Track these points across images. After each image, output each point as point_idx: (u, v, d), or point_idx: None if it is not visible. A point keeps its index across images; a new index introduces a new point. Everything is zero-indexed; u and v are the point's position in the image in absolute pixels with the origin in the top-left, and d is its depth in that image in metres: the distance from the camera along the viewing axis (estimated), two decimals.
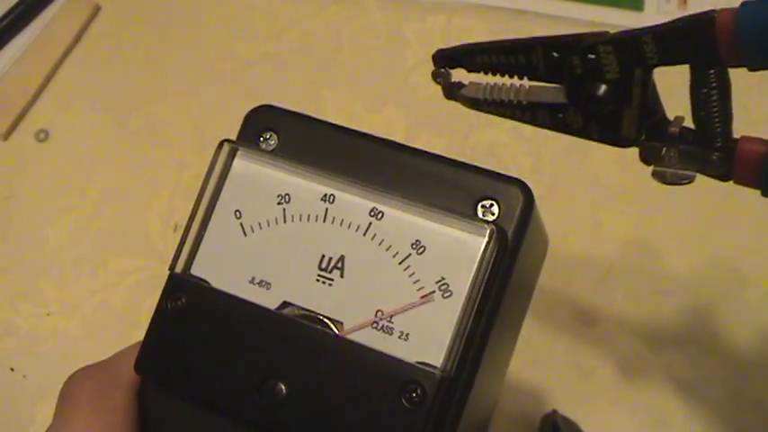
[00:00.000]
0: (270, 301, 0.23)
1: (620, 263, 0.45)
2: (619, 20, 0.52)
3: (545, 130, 0.47)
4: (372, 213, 0.23)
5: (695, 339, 0.43)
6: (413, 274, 0.23)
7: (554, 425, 0.39)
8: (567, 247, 0.46)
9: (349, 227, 0.23)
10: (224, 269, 0.24)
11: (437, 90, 0.51)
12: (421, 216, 0.23)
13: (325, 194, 0.24)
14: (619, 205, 0.46)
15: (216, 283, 0.24)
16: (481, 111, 0.30)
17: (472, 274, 0.22)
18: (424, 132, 0.49)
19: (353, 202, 0.23)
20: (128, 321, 0.44)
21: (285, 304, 0.23)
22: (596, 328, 0.44)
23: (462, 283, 0.22)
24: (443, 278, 0.22)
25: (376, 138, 0.24)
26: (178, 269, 0.24)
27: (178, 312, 0.24)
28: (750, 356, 0.42)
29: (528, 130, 0.49)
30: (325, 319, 0.23)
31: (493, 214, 0.22)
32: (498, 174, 0.23)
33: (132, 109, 0.51)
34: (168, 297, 0.24)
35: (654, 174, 0.28)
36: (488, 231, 0.22)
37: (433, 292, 0.22)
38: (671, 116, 0.28)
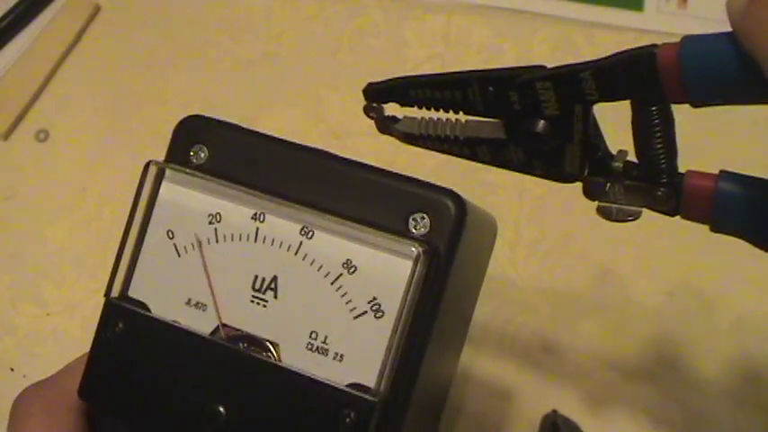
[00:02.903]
0: (206, 323, 0.23)
1: (620, 263, 0.45)
2: (619, 20, 0.52)
3: None
4: (303, 232, 0.23)
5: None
6: (345, 294, 0.22)
7: (554, 425, 0.39)
8: (567, 247, 0.46)
9: (280, 246, 0.23)
10: (161, 291, 0.24)
11: None
12: (351, 235, 0.22)
13: (256, 213, 0.23)
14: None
15: (153, 305, 0.24)
16: (417, 146, 0.29)
17: (401, 294, 0.21)
18: None
19: (284, 221, 0.23)
20: None
21: (222, 326, 0.23)
22: (598, 328, 0.44)
23: (393, 302, 0.22)
24: (375, 298, 0.22)
25: (308, 148, 0.24)
26: (114, 294, 0.24)
27: (117, 339, 0.24)
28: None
29: None
30: (264, 342, 0.23)
31: (425, 227, 0.22)
32: (430, 185, 0.23)
33: (132, 109, 0.51)
34: (106, 324, 0.24)
35: (599, 210, 0.28)
36: (416, 253, 0.21)
37: (366, 312, 0.22)
38: (614, 150, 0.28)
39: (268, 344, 0.23)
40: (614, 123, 0.28)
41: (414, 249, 0.21)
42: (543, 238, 0.47)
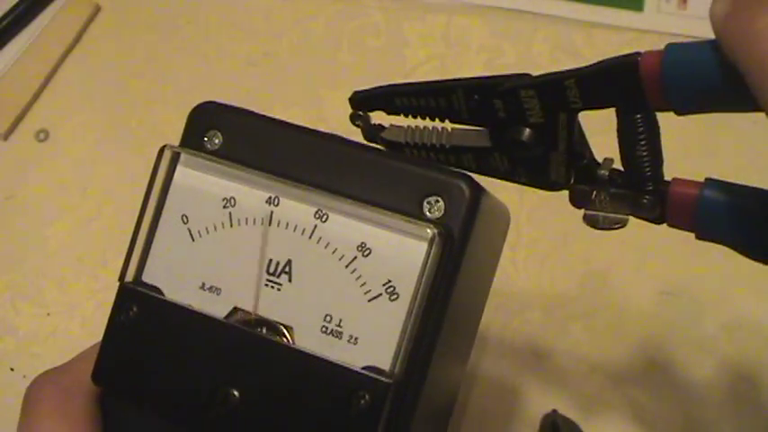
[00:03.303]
0: (220, 307, 0.23)
1: (620, 263, 0.45)
2: (619, 20, 0.52)
3: None
4: (317, 215, 0.23)
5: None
6: (359, 277, 0.22)
7: (554, 425, 0.39)
8: (566, 247, 0.46)
9: (294, 230, 0.23)
10: (175, 276, 0.24)
11: None
12: (366, 218, 0.22)
13: (270, 197, 0.23)
14: None
15: (167, 290, 0.24)
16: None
17: (416, 276, 0.21)
18: None
19: (298, 204, 0.23)
20: None
21: (235, 310, 0.23)
22: (597, 328, 0.44)
23: (408, 285, 0.22)
24: (390, 281, 0.22)
25: (322, 133, 0.24)
26: (128, 279, 0.24)
27: (130, 323, 0.24)
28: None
29: None
30: (278, 325, 0.23)
31: (439, 211, 0.22)
32: (444, 168, 0.23)
33: (132, 109, 0.51)
34: (120, 308, 0.24)
35: (585, 218, 0.28)
36: (431, 234, 0.21)
37: (380, 295, 0.22)
38: (600, 158, 0.28)
39: (282, 327, 0.23)
40: (600, 131, 0.28)
41: (429, 231, 0.21)
42: (543, 238, 0.47)
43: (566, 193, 0.29)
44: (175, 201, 0.24)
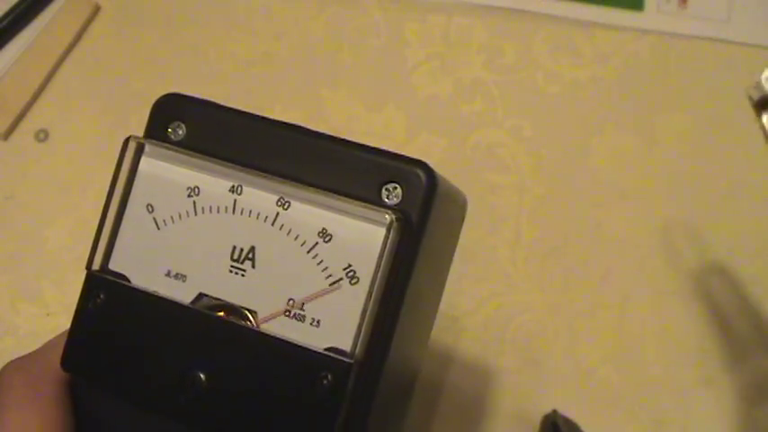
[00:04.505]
0: (186, 293, 0.24)
1: (619, 263, 0.45)
2: (619, 20, 0.52)
3: (545, 130, 0.48)
4: (279, 203, 0.24)
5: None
6: (321, 262, 0.23)
7: (554, 425, 0.39)
8: (567, 247, 0.46)
9: (257, 217, 0.24)
10: (141, 264, 0.25)
11: (437, 90, 0.51)
12: (327, 205, 0.23)
13: (233, 186, 0.24)
14: (619, 206, 0.46)
15: (134, 277, 0.24)
16: None
17: (375, 261, 0.22)
18: (424, 132, 0.49)
19: (261, 192, 0.24)
20: None
21: (201, 296, 0.24)
22: (597, 328, 0.44)
23: (367, 269, 0.22)
24: (350, 265, 0.23)
25: (283, 123, 0.25)
26: (95, 267, 0.25)
27: (98, 310, 0.24)
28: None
29: (528, 130, 0.49)
30: (242, 309, 0.24)
31: (397, 197, 0.23)
32: (402, 156, 0.23)
33: (132, 109, 0.51)
34: (87, 295, 0.24)
35: None
36: (389, 220, 0.22)
37: (341, 279, 0.23)
38: None
39: (246, 311, 0.24)
40: None
41: (387, 217, 0.22)
42: (543, 238, 0.47)
43: (565, 193, 0.29)
44: (140, 190, 0.25)
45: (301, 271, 0.23)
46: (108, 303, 0.24)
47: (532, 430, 0.42)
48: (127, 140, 0.25)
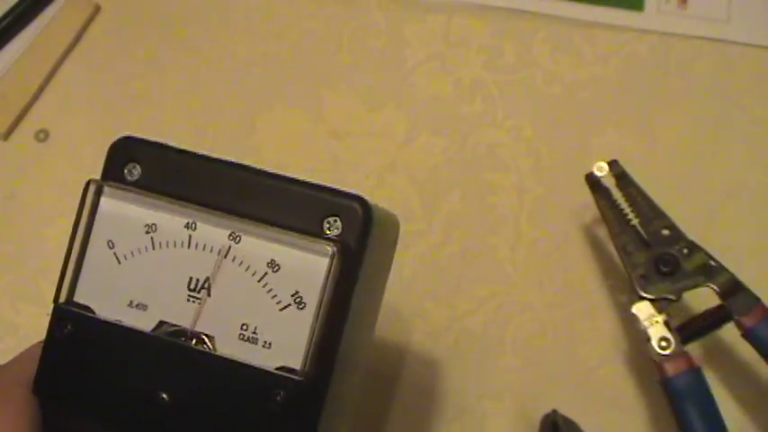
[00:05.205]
0: (147, 321, 0.26)
1: (619, 262, 0.45)
2: (619, 20, 0.52)
3: (545, 130, 0.47)
4: (231, 237, 0.26)
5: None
6: (271, 289, 0.26)
7: (554, 425, 0.39)
8: (567, 247, 0.46)
9: (211, 251, 0.26)
10: (104, 295, 0.27)
11: (437, 90, 0.51)
12: (274, 238, 0.25)
13: (188, 222, 0.26)
14: None
15: (98, 308, 0.27)
16: None
17: (320, 287, 0.25)
18: (423, 132, 0.49)
19: (214, 228, 0.26)
20: None
21: (161, 323, 0.26)
22: (598, 328, 0.44)
23: (313, 294, 0.25)
24: (297, 291, 0.25)
25: (232, 163, 0.27)
26: (62, 299, 0.27)
27: (66, 339, 0.26)
28: None
29: (528, 130, 0.49)
30: (200, 334, 0.26)
31: (338, 229, 0.25)
32: (341, 191, 0.26)
33: (132, 109, 0.51)
34: (55, 326, 0.26)
35: None
36: (331, 251, 0.25)
37: (290, 304, 0.25)
38: None
39: (204, 336, 0.26)
40: None
41: (329, 249, 0.25)
42: (543, 238, 0.47)
43: (565, 193, 0.29)
44: (101, 228, 0.27)
45: (253, 298, 0.25)
46: (75, 333, 0.26)
47: (532, 430, 0.42)
48: (88, 183, 0.26)
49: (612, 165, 0.42)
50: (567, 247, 0.46)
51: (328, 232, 0.25)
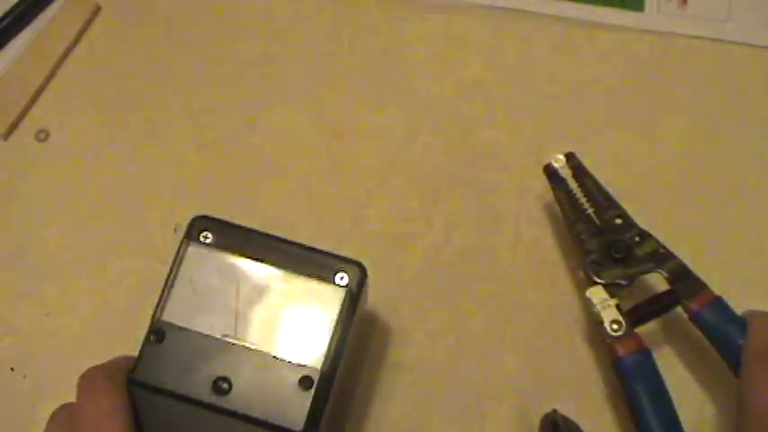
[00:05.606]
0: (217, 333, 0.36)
1: None
2: (619, 20, 0.52)
3: (545, 130, 0.48)
4: (276, 278, 0.36)
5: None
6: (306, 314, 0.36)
7: (554, 425, 0.39)
8: (567, 247, 0.46)
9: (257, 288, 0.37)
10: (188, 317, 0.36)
11: (437, 90, 0.51)
12: (305, 281, 0.36)
13: (242, 266, 0.37)
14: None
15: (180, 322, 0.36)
16: None
17: (336, 315, 0.36)
18: (423, 132, 0.49)
19: (260, 272, 0.36)
20: (128, 321, 0.44)
21: (226, 335, 0.35)
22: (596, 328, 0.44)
23: (333, 315, 0.36)
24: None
25: (276, 237, 0.37)
26: (158, 315, 0.35)
27: (159, 344, 0.35)
28: None
29: (528, 130, 0.49)
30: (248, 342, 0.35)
31: (344, 280, 0.36)
32: (347, 258, 0.37)
33: (132, 109, 0.51)
34: (152, 334, 0.35)
35: None
36: (343, 293, 0.36)
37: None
38: None
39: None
40: None
41: (342, 291, 0.36)
42: (543, 238, 0.47)
43: None
44: (186, 269, 0.37)
45: (288, 317, 0.36)
46: (168, 340, 0.35)
47: (532, 430, 0.42)
48: (181, 242, 0.37)
49: (570, 156, 0.44)
50: (566, 246, 0.46)
51: (340, 282, 0.36)
